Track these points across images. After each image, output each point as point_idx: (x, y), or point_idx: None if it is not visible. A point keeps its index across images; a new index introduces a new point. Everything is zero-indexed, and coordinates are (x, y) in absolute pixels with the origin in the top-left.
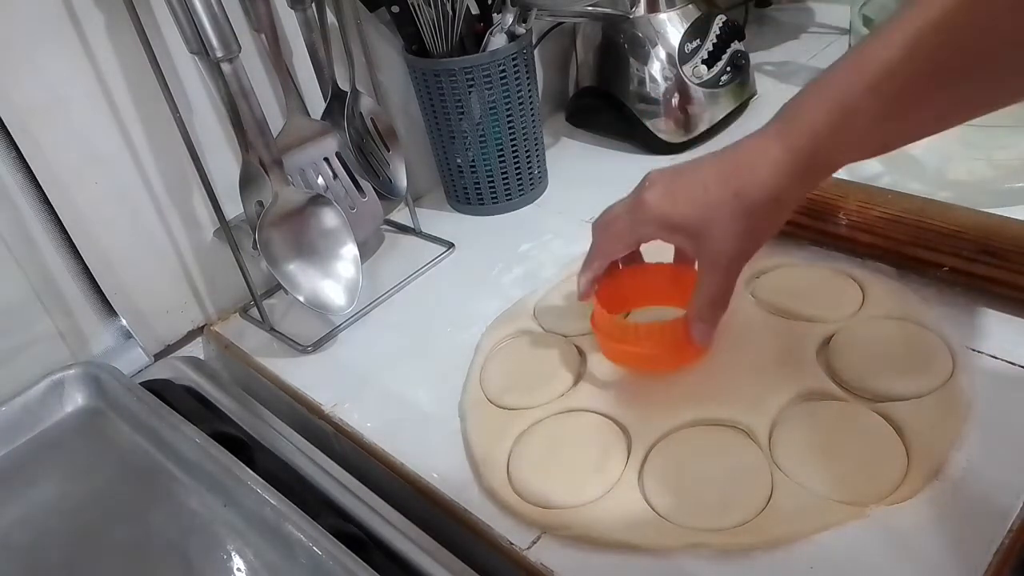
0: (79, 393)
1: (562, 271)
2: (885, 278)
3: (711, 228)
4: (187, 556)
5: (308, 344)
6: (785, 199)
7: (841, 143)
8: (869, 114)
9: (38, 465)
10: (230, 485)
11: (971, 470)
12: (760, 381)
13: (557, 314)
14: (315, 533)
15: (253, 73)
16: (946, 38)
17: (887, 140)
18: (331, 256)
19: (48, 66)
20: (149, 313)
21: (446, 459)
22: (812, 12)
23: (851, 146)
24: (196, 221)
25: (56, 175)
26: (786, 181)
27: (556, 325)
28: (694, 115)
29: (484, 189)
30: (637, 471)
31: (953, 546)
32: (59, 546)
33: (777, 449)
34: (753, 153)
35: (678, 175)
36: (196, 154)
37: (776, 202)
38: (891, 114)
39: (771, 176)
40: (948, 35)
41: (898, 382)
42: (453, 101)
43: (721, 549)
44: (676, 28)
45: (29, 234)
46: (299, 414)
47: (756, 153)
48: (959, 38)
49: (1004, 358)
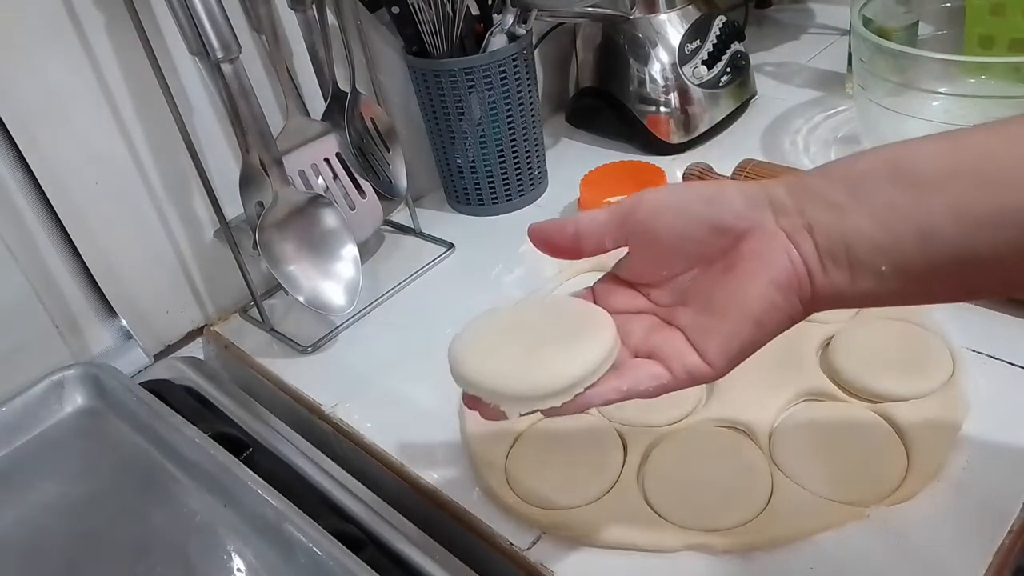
0: (79, 393)
1: (562, 272)
2: None
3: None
4: (187, 556)
5: (308, 344)
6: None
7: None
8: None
9: (38, 465)
10: (230, 485)
11: (971, 470)
12: (760, 381)
13: None
14: (315, 533)
15: (253, 74)
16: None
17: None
18: (331, 256)
19: (48, 66)
20: (149, 313)
21: (446, 459)
22: (812, 13)
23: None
24: (196, 221)
25: (56, 175)
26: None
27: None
28: (694, 116)
29: (484, 189)
30: (637, 471)
31: (953, 546)
32: (59, 546)
33: (777, 449)
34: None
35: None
36: (196, 154)
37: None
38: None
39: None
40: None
41: (898, 382)
42: (453, 102)
43: (721, 549)
44: (676, 29)
45: (29, 234)
46: (299, 414)
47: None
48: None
49: (1004, 358)
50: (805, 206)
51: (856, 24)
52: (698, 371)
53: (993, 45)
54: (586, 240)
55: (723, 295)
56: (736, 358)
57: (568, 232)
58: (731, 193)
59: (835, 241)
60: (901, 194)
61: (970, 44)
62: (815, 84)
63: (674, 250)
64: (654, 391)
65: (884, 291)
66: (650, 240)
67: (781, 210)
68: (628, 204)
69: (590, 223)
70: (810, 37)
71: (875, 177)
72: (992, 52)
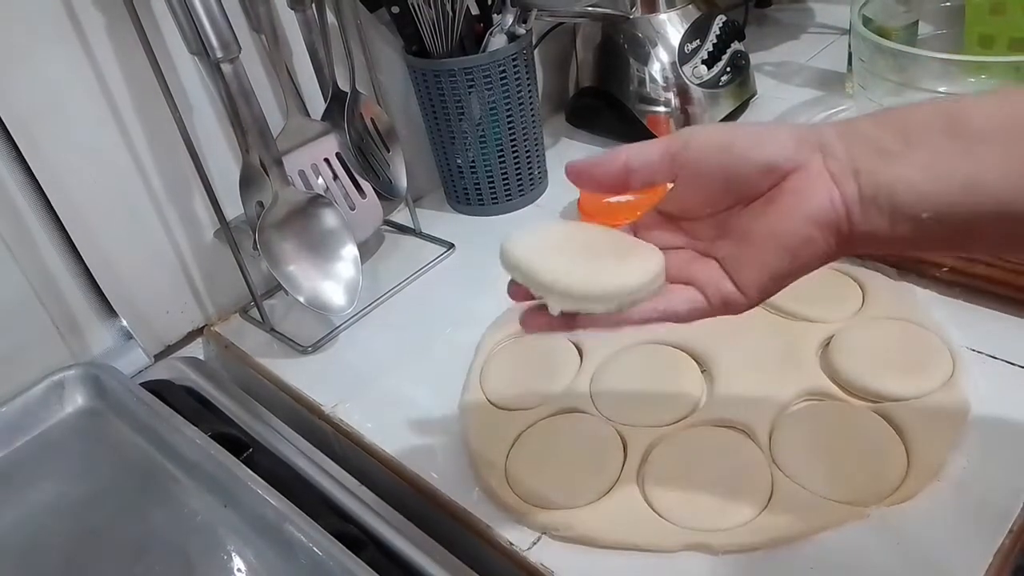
0: (79, 394)
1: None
2: (885, 278)
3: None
4: (187, 556)
5: (308, 344)
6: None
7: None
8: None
9: (38, 465)
10: (230, 485)
11: (971, 470)
12: (760, 381)
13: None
14: (315, 533)
15: (253, 73)
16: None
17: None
18: (331, 256)
19: (48, 66)
20: (149, 313)
21: (446, 459)
22: (812, 12)
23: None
24: (196, 221)
25: (56, 175)
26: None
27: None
28: (694, 115)
29: (484, 189)
30: (637, 471)
31: (953, 546)
32: (59, 546)
33: (777, 449)
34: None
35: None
36: (196, 154)
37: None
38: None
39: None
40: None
41: (898, 382)
42: (453, 101)
43: (721, 549)
44: (676, 28)
45: (29, 234)
46: (299, 414)
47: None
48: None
49: (1004, 358)
50: (855, 150)
51: (856, 23)
52: (732, 298)
53: (993, 44)
54: (636, 174)
55: (761, 227)
56: (769, 289)
57: (617, 166)
58: (782, 135)
59: (880, 186)
60: (952, 145)
61: (970, 43)
62: (815, 83)
63: (722, 188)
64: (689, 315)
65: (922, 237)
66: (698, 177)
67: (830, 152)
68: (679, 140)
69: (641, 157)
70: (810, 36)
71: (929, 128)
72: (992, 51)
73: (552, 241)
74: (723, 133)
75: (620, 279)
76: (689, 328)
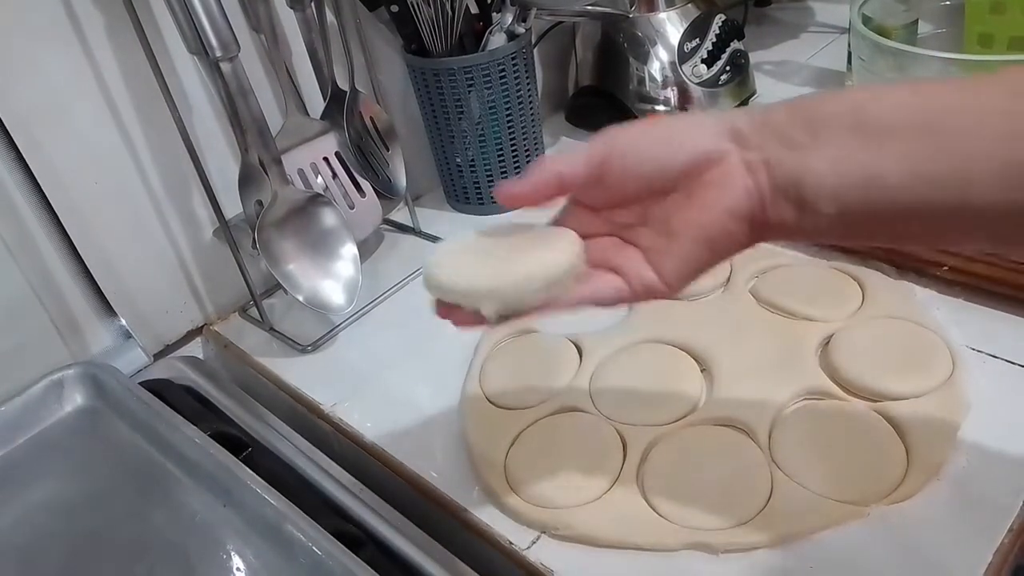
0: (78, 393)
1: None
2: (885, 277)
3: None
4: (187, 556)
5: (308, 344)
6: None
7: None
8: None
9: (37, 465)
10: (230, 485)
11: (971, 470)
12: (760, 380)
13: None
14: (315, 533)
15: (252, 73)
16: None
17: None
18: (330, 255)
19: (48, 66)
20: (148, 313)
21: (446, 459)
22: (812, 11)
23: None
24: (195, 221)
25: (56, 175)
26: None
27: (556, 325)
28: None
29: (484, 189)
30: (637, 470)
31: (953, 546)
32: (59, 546)
33: (777, 449)
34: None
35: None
36: (195, 154)
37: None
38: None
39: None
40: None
41: (898, 382)
42: (452, 100)
43: (721, 549)
44: (675, 27)
45: (28, 234)
46: (299, 414)
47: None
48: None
49: (1004, 358)
50: (766, 140)
51: (856, 22)
52: (654, 286)
53: (993, 43)
54: (567, 188)
55: (681, 219)
56: (689, 278)
57: (553, 185)
58: (701, 128)
59: (788, 178)
60: (856, 140)
61: (970, 42)
62: (815, 82)
63: (644, 185)
64: (613, 300)
65: (828, 230)
66: (619, 179)
67: (743, 143)
68: (601, 150)
69: (570, 172)
70: (809, 35)
71: (837, 121)
72: (992, 50)
73: (469, 252)
74: (641, 137)
75: (544, 268)
76: (689, 327)
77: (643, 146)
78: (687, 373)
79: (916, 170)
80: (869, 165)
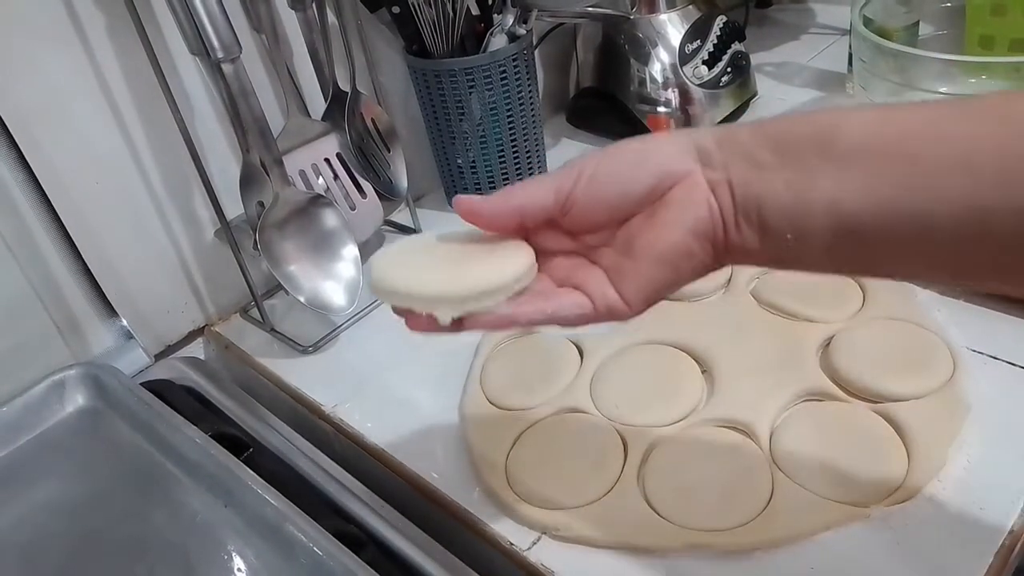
0: (79, 393)
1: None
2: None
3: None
4: (187, 556)
5: (308, 344)
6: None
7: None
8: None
9: (38, 465)
10: (230, 485)
11: (971, 470)
12: (760, 381)
13: None
14: (315, 533)
15: (254, 73)
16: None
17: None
18: (332, 256)
19: (48, 66)
20: (150, 313)
21: (446, 459)
22: (813, 13)
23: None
24: (197, 221)
25: (57, 175)
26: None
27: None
28: (694, 116)
29: (485, 190)
30: (637, 471)
31: (953, 546)
32: (59, 546)
33: (777, 449)
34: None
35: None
36: (197, 154)
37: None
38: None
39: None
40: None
41: (898, 382)
42: (453, 102)
43: (721, 549)
44: (676, 29)
45: (29, 234)
46: (299, 414)
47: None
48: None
49: (1004, 358)
50: (731, 160)
51: (857, 24)
52: (617, 307)
53: (993, 45)
54: (530, 219)
55: (644, 241)
56: (651, 299)
57: (512, 220)
58: (660, 151)
59: (750, 200)
60: (820, 164)
61: (971, 44)
62: (816, 84)
63: (607, 214)
64: (576, 319)
65: (790, 256)
66: (585, 209)
67: (708, 162)
68: (567, 183)
69: (536, 205)
70: (811, 37)
71: (802, 144)
72: (992, 52)
73: (417, 253)
74: (607, 164)
75: (497, 274)
76: (690, 328)
77: (610, 168)
78: (688, 374)
79: (877, 197)
80: (830, 192)
